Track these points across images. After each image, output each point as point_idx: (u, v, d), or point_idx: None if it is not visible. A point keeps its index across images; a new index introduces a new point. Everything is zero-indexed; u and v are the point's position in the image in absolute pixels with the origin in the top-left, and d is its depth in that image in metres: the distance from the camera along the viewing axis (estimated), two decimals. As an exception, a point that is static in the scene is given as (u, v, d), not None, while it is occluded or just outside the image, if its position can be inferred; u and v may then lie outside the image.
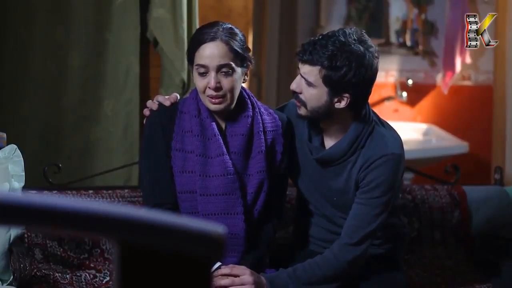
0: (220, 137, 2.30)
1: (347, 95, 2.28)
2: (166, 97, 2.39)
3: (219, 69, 2.25)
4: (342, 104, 2.29)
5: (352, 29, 2.30)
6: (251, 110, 2.34)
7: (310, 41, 2.29)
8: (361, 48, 2.26)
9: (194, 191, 2.29)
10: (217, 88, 2.25)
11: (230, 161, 2.29)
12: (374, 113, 2.43)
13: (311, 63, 2.26)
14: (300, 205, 2.57)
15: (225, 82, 2.26)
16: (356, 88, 2.27)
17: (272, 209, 2.40)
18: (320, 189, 2.44)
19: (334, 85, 2.26)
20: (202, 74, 2.26)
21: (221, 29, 2.27)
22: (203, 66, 2.25)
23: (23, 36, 3.22)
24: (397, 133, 2.42)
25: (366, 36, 2.31)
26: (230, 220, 2.27)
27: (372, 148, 2.33)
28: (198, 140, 2.29)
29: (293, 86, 2.33)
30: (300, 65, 2.31)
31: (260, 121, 2.36)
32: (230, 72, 2.26)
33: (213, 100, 2.27)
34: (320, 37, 2.28)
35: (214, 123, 2.31)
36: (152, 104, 2.37)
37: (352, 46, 2.25)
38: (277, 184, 2.39)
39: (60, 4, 3.26)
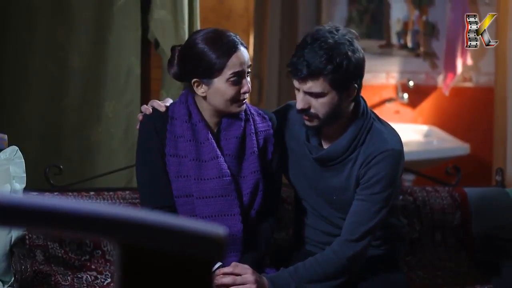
0: (213, 140, 2.31)
1: (354, 84, 2.28)
2: (161, 102, 2.39)
3: (247, 71, 2.28)
4: (352, 95, 2.30)
5: (320, 27, 2.30)
6: (243, 113, 2.35)
7: (297, 57, 2.25)
8: (343, 35, 2.26)
9: (191, 194, 2.30)
10: (249, 90, 2.29)
11: (225, 163, 2.30)
12: (372, 111, 2.43)
13: (313, 77, 2.24)
14: (298, 206, 2.57)
15: (250, 82, 2.30)
16: (359, 72, 2.28)
17: (268, 208, 2.41)
18: (318, 188, 2.44)
19: (342, 82, 2.25)
20: (236, 82, 2.25)
21: (233, 35, 2.27)
22: (238, 73, 2.24)
23: (24, 38, 3.22)
24: (396, 131, 2.43)
25: (336, 25, 2.30)
26: (227, 221, 2.28)
27: (373, 144, 2.34)
28: (191, 144, 2.30)
29: (300, 105, 2.28)
30: (299, 84, 2.27)
31: (252, 123, 2.37)
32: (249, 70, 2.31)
33: (242, 103, 2.29)
34: (300, 49, 2.25)
35: (206, 127, 2.31)
36: (146, 109, 2.37)
37: (336, 38, 2.24)
38: (271, 183, 2.40)
39: (61, 5, 3.26)
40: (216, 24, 5.37)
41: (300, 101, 2.29)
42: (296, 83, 2.28)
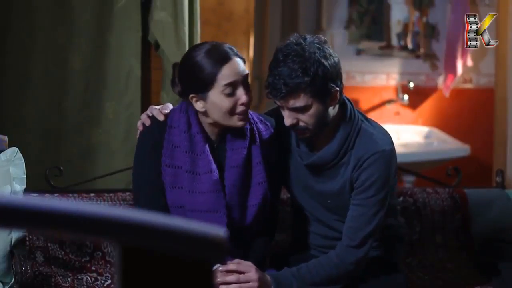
0: (209, 153, 2.28)
1: (336, 88, 2.27)
2: (160, 109, 2.35)
3: (244, 82, 2.24)
4: (337, 99, 2.28)
5: (287, 41, 2.27)
6: (247, 123, 2.33)
7: (273, 77, 2.23)
8: (312, 43, 2.24)
9: (184, 205, 2.29)
10: (248, 102, 2.24)
11: (218, 178, 2.27)
12: (359, 111, 2.42)
13: (293, 93, 2.22)
14: (295, 210, 2.57)
15: (249, 94, 2.25)
16: (335, 76, 2.25)
17: (270, 212, 2.40)
18: (313, 193, 2.43)
19: (322, 90, 2.24)
20: (230, 94, 2.21)
21: (227, 47, 2.25)
22: (232, 83, 2.20)
23: (25, 39, 3.23)
24: (385, 129, 2.41)
25: (302, 35, 2.28)
26: None
27: (363, 147, 2.32)
28: (187, 156, 2.27)
29: (288, 122, 2.27)
30: (281, 102, 2.25)
31: (257, 132, 2.35)
32: (248, 82, 2.27)
33: (243, 116, 2.25)
34: (275, 68, 2.23)
35: (204, 139, 2.29)
36: (145, 120, 2.34)
37: (306, 48, 2.23)
38: (274, 186, 2.40)
39: (61, 7, 3.26)
40: (216, 26, 5.38)
41: (287, 118, 2.27)
42: (278, 102, 2.27)
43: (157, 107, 2.38)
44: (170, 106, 2.40)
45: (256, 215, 2.33)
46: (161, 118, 2.33)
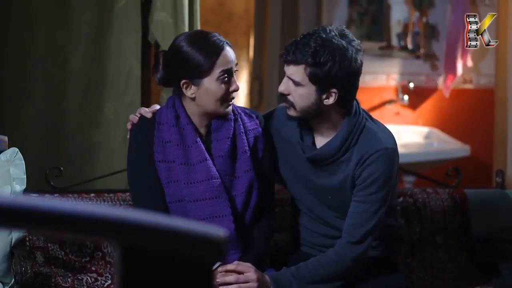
0: (201, 143, 2.32)
1: (334, 90, 2.29)
2: (148, 109, 2.40)
3: (234, 70, 2.31)
4: (331, 100, 2.30)
5: (333, 26, 2.32)
6: (231, 113, 2.37)
7: (292, 42, 2.31)
8: (343, 42, 2.27)
9: (183, 199, 2.31)
10: (238, 89, 2.33)
11: (213, 166, 2.31)
12: (364, 110, 2.44)
13: (296, 62, 2.28)
14: (295, 209, 2.58)
15: (237, 81, 2.34)
16: (342, 82, 2.28)
17: (265, 206, 2.41)
18: (313, 189, 2.44)
19: (321, 81, 2.27)
20: (225, 81, 2.27)
21: (217, 35, 2.30)
22: (227, 71, 2.27)
23: (25, 40, 3.23)
24: (389, 130, 2.43)
25: (347, 31, 2.33)
26: (219, 223, 2.28)
27: (366, 144, 2.34)
28: (179, 149, 2.31)
29: (281, 88, 2.35)
30: (285, 67, 2.33)
31: (241, 122, 2.39)
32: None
33: (231, 103, 2.33)
34: (301, 36, 2.30)
35: (194, 130, 2.33)
36: (133, 118, 2.38)
37: (334, 41, 2.26)
38: (264, 181, 2.42)
39: (61, 7, 3.26)
40: (216, 26, 5.38)
41: (282, 84, 2.35)
42: (284, 66, 2.33)
43: (145, 108, 2.43)
44: (158, 106, 2.44)
45: (244, 204, 2.35)
46: (148, 115, 2.37)
